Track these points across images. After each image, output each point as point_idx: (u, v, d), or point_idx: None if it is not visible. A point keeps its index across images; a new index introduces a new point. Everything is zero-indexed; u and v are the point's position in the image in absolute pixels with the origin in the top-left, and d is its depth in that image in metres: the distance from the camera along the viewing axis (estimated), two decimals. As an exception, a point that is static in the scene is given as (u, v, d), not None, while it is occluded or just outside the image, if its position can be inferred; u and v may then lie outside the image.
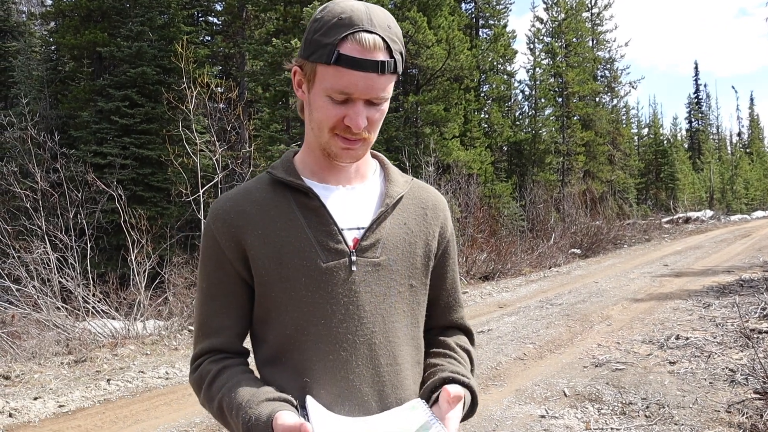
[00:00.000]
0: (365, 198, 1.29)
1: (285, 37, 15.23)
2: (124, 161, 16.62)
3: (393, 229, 1.27)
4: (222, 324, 1.26)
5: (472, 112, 23.87)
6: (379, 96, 1.16)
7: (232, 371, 1.22)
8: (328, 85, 1.15)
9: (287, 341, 1.22)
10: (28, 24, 25.28)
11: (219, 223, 1.24)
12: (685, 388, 5.12)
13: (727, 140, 61.12)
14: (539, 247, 16.78)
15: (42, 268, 8.93)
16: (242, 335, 1.29)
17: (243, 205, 1.25)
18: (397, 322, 1.25)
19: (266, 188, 1.27)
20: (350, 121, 1.16)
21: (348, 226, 1.24)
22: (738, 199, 44.12)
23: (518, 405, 4.97)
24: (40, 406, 5.24)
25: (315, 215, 1.23)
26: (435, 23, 18.53)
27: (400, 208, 1.31)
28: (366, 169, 1.33)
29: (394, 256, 1.25)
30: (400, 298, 1.26)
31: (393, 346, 1.24)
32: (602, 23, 33.51)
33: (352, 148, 1.21)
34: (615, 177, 31.44)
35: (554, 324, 7.89)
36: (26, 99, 16.91)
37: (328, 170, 1.28)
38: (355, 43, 1.12)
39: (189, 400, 5.37)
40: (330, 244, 1.21)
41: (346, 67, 1.12)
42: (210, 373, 1.23)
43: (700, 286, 10.26)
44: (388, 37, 1.15)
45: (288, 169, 1.28)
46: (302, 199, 1.24)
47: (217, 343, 1.26)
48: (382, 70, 1.14)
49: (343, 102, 1.16)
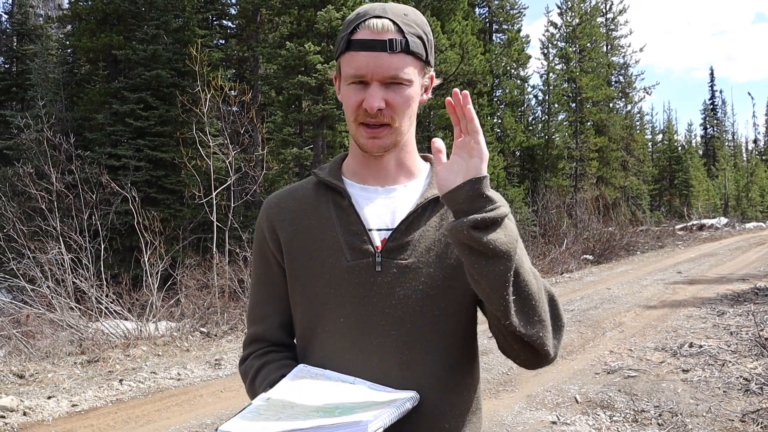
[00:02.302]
0: (403, 200, 1.27)
1: (299, 41, 15.27)
2: (138, 163, 16.73)
3: (427, 231, 1.24)
4: (265, 312, 1.34)
5: (484, 117, 23.80)
6: (391, 74, 1.16)
7: (272, 366, 1.27)
8: (345, 73, 1.20)
9: (309, 335, 1.26)
10: (45, 27, 25.59)
11: (264, 217, 1.33)
12: (698, 396, 5.07)
13: (743, 147, 60.66)
14: (551, 253, 16.70)
15: (56, 269, 9.02)
16: (285, 325, 1.34)
17: (286, 201, 1.32)
18: (421, 328, 1.20)
19: (310, 188, 1.33)
20: (365, 103, 1.17)
21: (378, 227, 1.24)
22: (753, 207, 43.69)
23: (529, 411, 4.94)
24: (53, 405, 5.28)
25: (346, 215, 1.25)
26: (448, 27, 18.55)
27: (441, 210, 1.26)
28: (413, 169, 1.31)
29: (426, 259, 1.22)
30: (430, 302, 1.20)
31: (412, 352, 1.19)
32: (617, 28, 33.38)
33: (376, 136, 1.21)
34: (628, 183, 31.26)
35: (566, 330, 7.83)
36: (42, 101, 17.08)
37: (367, 170, 1.29)
38: (364, 28, 1.17)
39: (200, 402, 5.39)
40: (356, 244, 1.22)
41: (357, 50, 1.17)
42: (253, 369, 1.30)
43: (714, 294, 10.16)
44: (400, 21, 1.18)
45: (332, 171, 1.32)
46: (337, 199, 1.27)
47: (260, 330, 1.34)
48: (391, 48, 1.15)
49: (362, 88, 1.18)
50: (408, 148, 1.30)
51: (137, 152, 16.93)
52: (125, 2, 18.89)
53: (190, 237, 14.96)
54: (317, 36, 15.24)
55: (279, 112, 17.10)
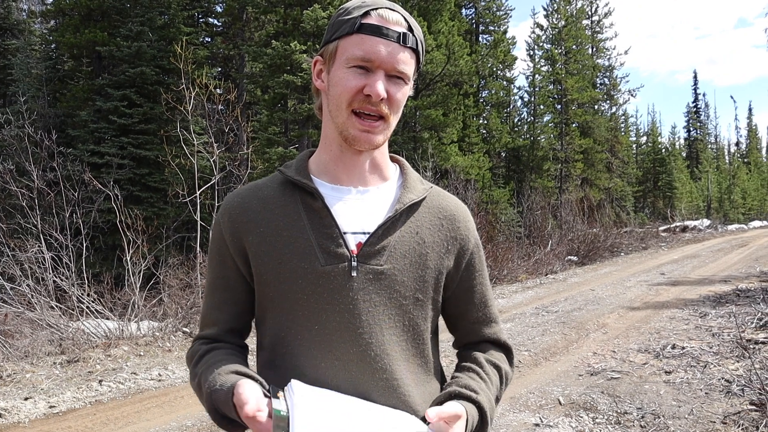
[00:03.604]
0: (377, 202, 1.23)
1: (285, 40, 15.21)
2: (121, 161, 16.59)
3: (403, 238, 1.21)
4: (217, 318, 1.27)
5: (470, 118, 23.90)
6: (400, 69, 1.15)
7: (218, 352, 1.22)
8: (349, 54, 1.15)
9: (281, 343, 1.19)
10: (28, 22, 25.25)
11: (225, 218, 1.25)
12: (680, 398, 5.09)
13: (726, 150, 61.37)
14: (536, 254, 16.76)
15: (36, 267, 8.89)
16: (235, 331, 1.28)
17: (250, 201, 1.24)
18: (395, 336, 1.18)
19: (276, 187, 1.25)
20: (370, 89, 1.13)
21: (353, 230, 1.19)
22: (735, 209, 44.20)
23: (512, 413, 4.93)
24: (30, 406, 5.19)
25: (318, 217, 1.19)
26: (435, 28, 18.56)
27: (415, 217, 1.24)
28: (384, 171, 1.28)
29: (401, 266, 1.19)
30: (402, 310, 1.19)
31: (390, 360, 1.17)
32: (602, 31, 33.67)
33: (370, 130, 1.17)
34: (613, 185, 31.51)
35: (550, 331, 7.86)
36: (24, 97, 16.84)
37: (342, 167, 1.23)
38: (377, 16, 1.15)
39: (181, 403, 5.33)
40: (330, 248, 1.17)
41: (369, 34, 1.14)
42: (198, 353, 1.24)
43: (697, 296, 10.24)
44: (410, 20, 1.19)
45: (299, 169, 1.25)
46: (308, 199, 1.21)
47: (210, 334, 1.28)
48: (404, 41, 1.15)
49: (364, 73, 1.15)
50: (382, 149, 1.27)
51: (121, 150, 16.78)
52: (110, -2, 18.71)
53: (173, 236, 14.84)
54: (303, 35, 15.19)
55: (264, 111, 17.05)
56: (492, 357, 1.30)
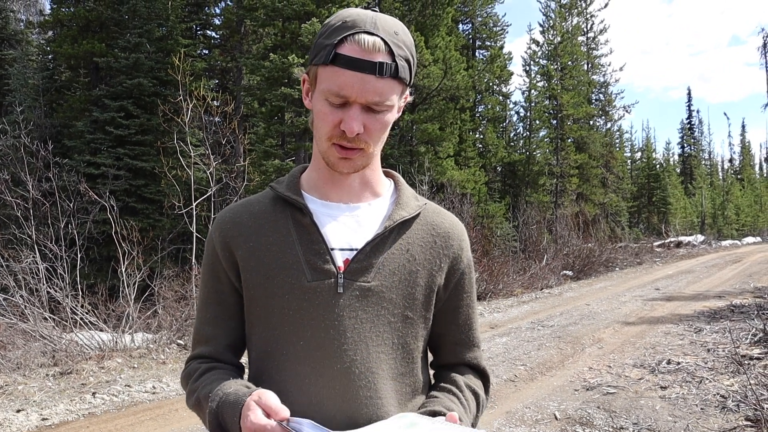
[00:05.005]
0: (367, 219, 1.22)
1: (282, 53, 15.27)
2: (117, 172, 16.57)
3: (393, 255, 1.19)
4: (213, 333, 1.25)
5: (467, 132, 24.02)
6: (376, 100, 1.09)
7: (218, 372, 1.21)
8: (325, 87, 1.10)
9: (266, 358, 1.18)
10: (25, 32, 25.31)
11: (217, 233, 1.24)
12: (676, 413, 5.09)
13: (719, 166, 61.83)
14: (531, 269, 16.77)
15: (30, 278, 8.83)
16: (233, 347, 1.26)
17: (241, 216, 1.24)
18: (383, 354, 1.16)
19: (267, 203, 1.25)
20: (344, 125, 1.09)
21: (341, 246, 1.18)
22: (729, 225, 44.43)
23: (508, 427, 4.92)
24: (22, 418, 5.14)
25: (307, 233, 1.18)
26: (432, 43, 18.68)
27: (407, 234, 1.22)
28: (376, 187, 1.26)
29: (390, 283, 1.17)
30: (390, 328, 1.17)
31: (376, 378, 1.14)
32: (597, 47, 33.91)
33: (349, 157, 1.14)
34: (608, 200, 31.62)
35: (545, 346, 7.85)
36: (21, 107, 16.89)
37: (331, 185, 1.22)
38: (353, 43, 1.08)
39: (175, 416, 5.29)
40: (317, 263, 1.15)
41: (342, 67, 1.07)
42: (197, 371, 1.22)
43: (692, 311, 10.25)
44: (391, 41, 1.09)
45: (290, 185, 1.24)
46: (298, 215, 1.20)
47: (206, 351, 1.25)
48: (381, 72, 1.07)
49: (341, 106, 1.10)
50: (373, 166, 1.24)
51: (117, 161, 16.78)
52: (108, 9, 18.80)
53: (169, 248, 14.78)
54: (301, 48, 15.25)
55: (261, 124, 17.08)
56: (470, 382, 1.28)
